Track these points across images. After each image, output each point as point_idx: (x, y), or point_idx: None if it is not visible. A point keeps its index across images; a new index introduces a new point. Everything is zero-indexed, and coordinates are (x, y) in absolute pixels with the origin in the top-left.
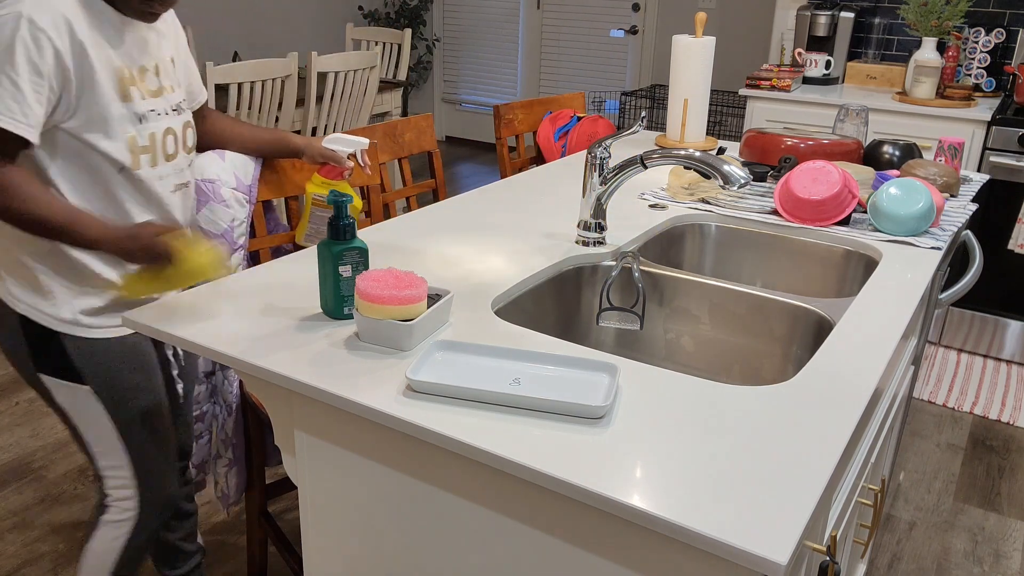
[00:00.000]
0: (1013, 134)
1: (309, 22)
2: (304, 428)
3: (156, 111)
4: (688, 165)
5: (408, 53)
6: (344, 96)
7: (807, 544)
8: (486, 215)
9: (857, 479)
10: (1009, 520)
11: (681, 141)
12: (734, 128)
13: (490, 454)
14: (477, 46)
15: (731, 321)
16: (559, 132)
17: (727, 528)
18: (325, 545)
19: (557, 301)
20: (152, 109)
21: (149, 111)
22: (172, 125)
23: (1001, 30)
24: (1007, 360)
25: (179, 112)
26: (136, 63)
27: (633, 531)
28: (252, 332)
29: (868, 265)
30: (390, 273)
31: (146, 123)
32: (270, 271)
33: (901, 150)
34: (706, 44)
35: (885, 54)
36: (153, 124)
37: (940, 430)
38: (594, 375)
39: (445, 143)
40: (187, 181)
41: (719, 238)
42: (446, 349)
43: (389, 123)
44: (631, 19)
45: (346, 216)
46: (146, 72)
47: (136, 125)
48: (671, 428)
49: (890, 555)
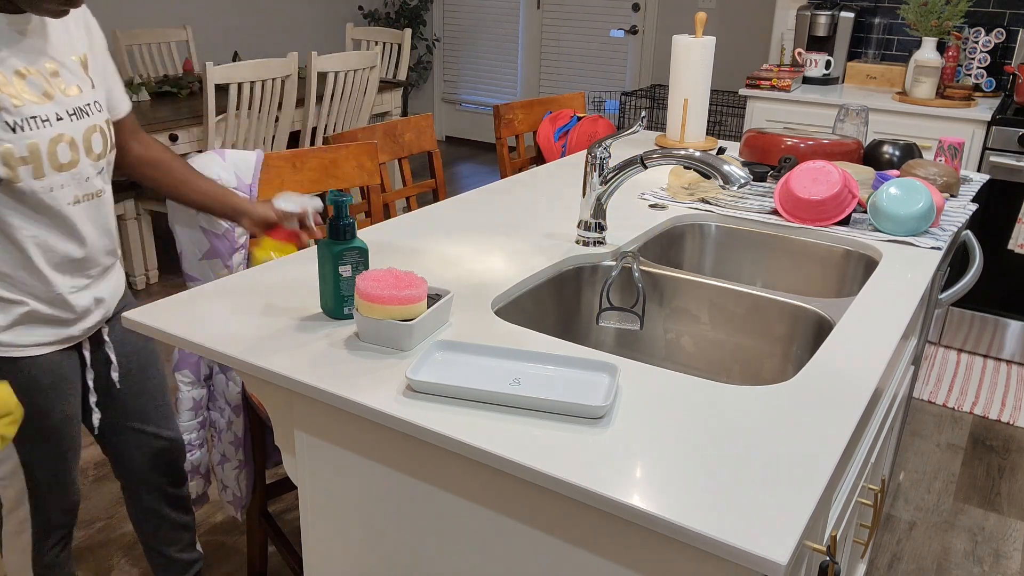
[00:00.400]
0: (1013, 134)
1: (309, 22)
2: (304, 428)
3: (39, 117)
4: (688, 165)
5: (408, 53)
6: (344, 96)
7: (807, 544)
8: (486, 215)
9: (857, 479)
10: (1009, 520)
11: (681, 141)
12: (734, 128)
13: (490, 454)
14: (477, 46)
15: (731, 321)
16: (559, 132)
17: (727, 528)
18: (325, 545)
19: (557, 301)
20: (33, 116)
21: (29, 118)
22: (66, 131)
23: (1001, 30)
24: (1007, 360)
25: (81, 116)
26: (12, 66)
27: (633, 531)
28: (252, 332)
29: (868, 265)
30: (390, 273)
31: (22, 132)
32: (270, 271)
33: (901, 150)
34: (706, 44)
35: (885, 54)
36: (33, 133)
37: (940, 430)
38: (594, 375)
39: (445, 143)
40: (98, 190)
41: (719, 238)
42: (446, 349)
43: (389, 123)
44: (631, 19)
45: (346, 216)
46: (27, 76)
47: (9, 134)
48: (671, 428)
49: (890, 555)
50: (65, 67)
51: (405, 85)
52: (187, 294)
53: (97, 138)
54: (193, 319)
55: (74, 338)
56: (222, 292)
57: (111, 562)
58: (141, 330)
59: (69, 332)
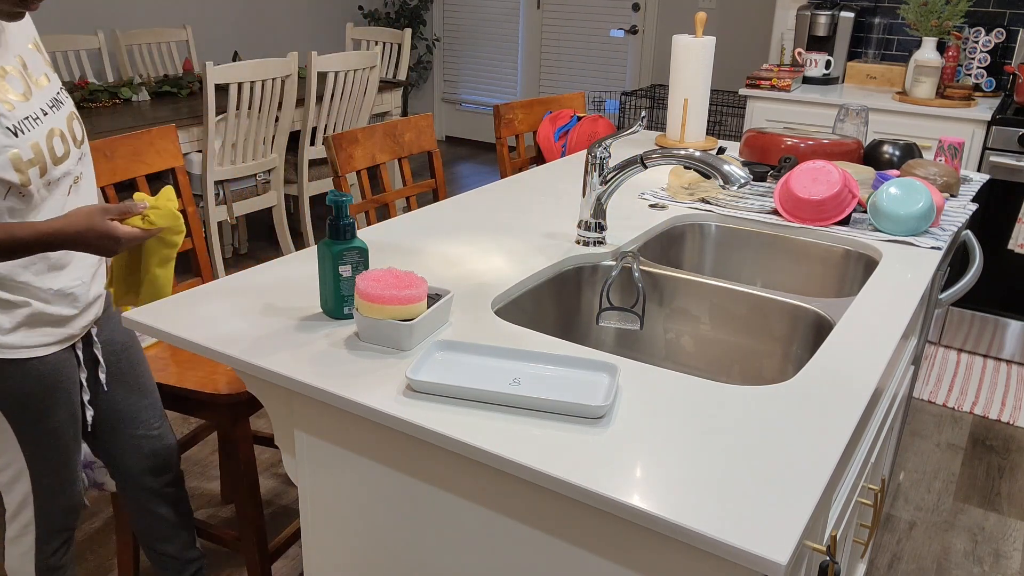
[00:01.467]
0: (1013, 134)
1: (309, 22)
2: (304, 428)
3: (32, 116)
4: (688, 165)
5: (408, 53)
6: (344, 96)
7: (807, 544)
8: (486, 215)
9: (857, 479)
10: (1009, 520)
11: (681, 141)
12: (734, 128)
13: (490, 454)
14: (477, 46)
15: (731, 321)
16: (559, 132)
17: (727, 528)
18: (325, 545)
19: (557, 301)
20: (27, 116)
21: (24, 119)
22: (55, 124)
23: (1001, 30)
24: (1007, 360)
25: (57, 106)
26: None
27: (633, 531)
28: (252, 332)
29: (868, 265)
30: (390, 273)
31: (24, 134)
32: (270, 271)
33: (901, 150)
34: (706, 44)
35: (885, 54)
36: (32, 132)
37: (940, 430)
38: (594, 375)
39: (445, 143)
40: (80, 174)
41: (719, 238)
42: (446, 349)
43: (389, 123)
44: (631, 19)
45: (346, 216)
46: (6, 74)
47: (13, 139)
48: (671, 428)
49: (890, 555)
50: (29, 56)
51: (405, 85)
52: (187, 294)
53: (76, 125)
54: (193, 319)
55: (73, 336)
56: (222, 292)
57: (111, 562)
58: (141, 330)
59: (70, 331)
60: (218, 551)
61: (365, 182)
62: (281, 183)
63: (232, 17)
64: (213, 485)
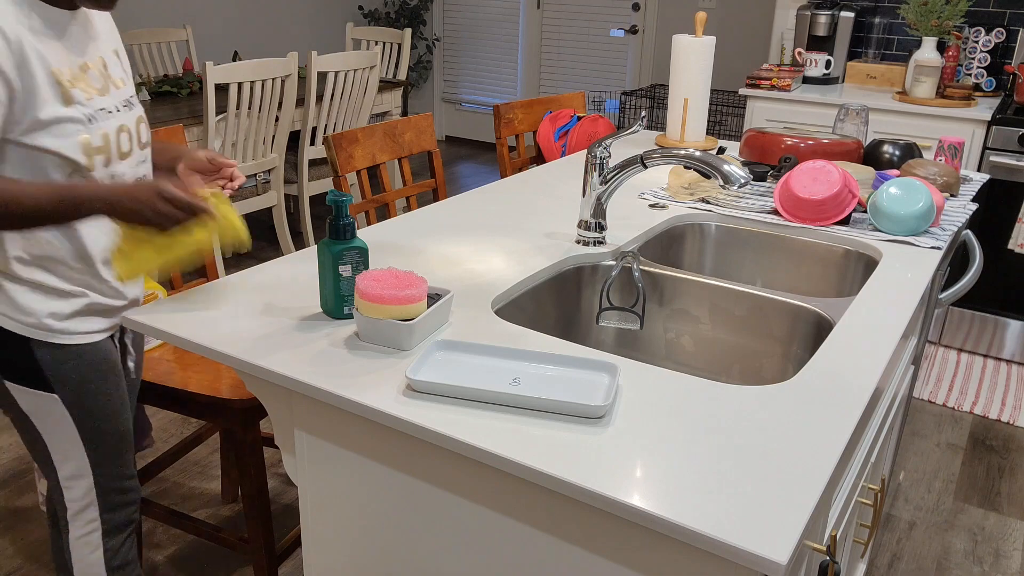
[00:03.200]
0: (1013, 134)
1: (309, 22)
2: (304, 428)
3: (106, 109)
4: (688, 165)
5: (408, 53)
6: (344, 96)
7: (807, 544)
8: (486, 215)
9: (857, 479)
10: (1009, 520)
11: (681, 141)
12: (734, 128)
13: (490, 454)
14: (477, 46)
15: (731, 321)
16: (559, 132)
17: (727, 527)
18: (325, 545)
19: (557, 301)
20: (101, 108)
21: (98, 110)
22: (125, 122)
23: (1001, 30)
24: (1007, 360)
25: (130, 107)
26: (76, 62)
27: (633, 530)
28: (252, 332)
29: (868, 265)
30: (390, 273)
31: (96, 123)
32: (270, 271)
33: (901, 150)
34: (706, 44)
35: (885, 54)
36: (104, 123)
37: (940, 430)
38: (594, 375)
39: (445, 143)
40: (142, 176)
41: (719, 238)
42: (446, 349)
43: (389, 123)
44: (631, 19)
45: (346, 216)
46: (89, 69)
47: (86, 126)
48: (671, 428)
49: (890, 555)
50: (110, 60)
51: (405, 85)
52: (187, 294)
53: (144, 128)
54: (193, 319)
55: (115, 326)
56: (222, 292)
57: None
58: (142, 330)
59: (115, 320)
60: (220, 551)
61: (365, 182)
62: (281, 183)
63: (232, 17)
64: (213, 485)
